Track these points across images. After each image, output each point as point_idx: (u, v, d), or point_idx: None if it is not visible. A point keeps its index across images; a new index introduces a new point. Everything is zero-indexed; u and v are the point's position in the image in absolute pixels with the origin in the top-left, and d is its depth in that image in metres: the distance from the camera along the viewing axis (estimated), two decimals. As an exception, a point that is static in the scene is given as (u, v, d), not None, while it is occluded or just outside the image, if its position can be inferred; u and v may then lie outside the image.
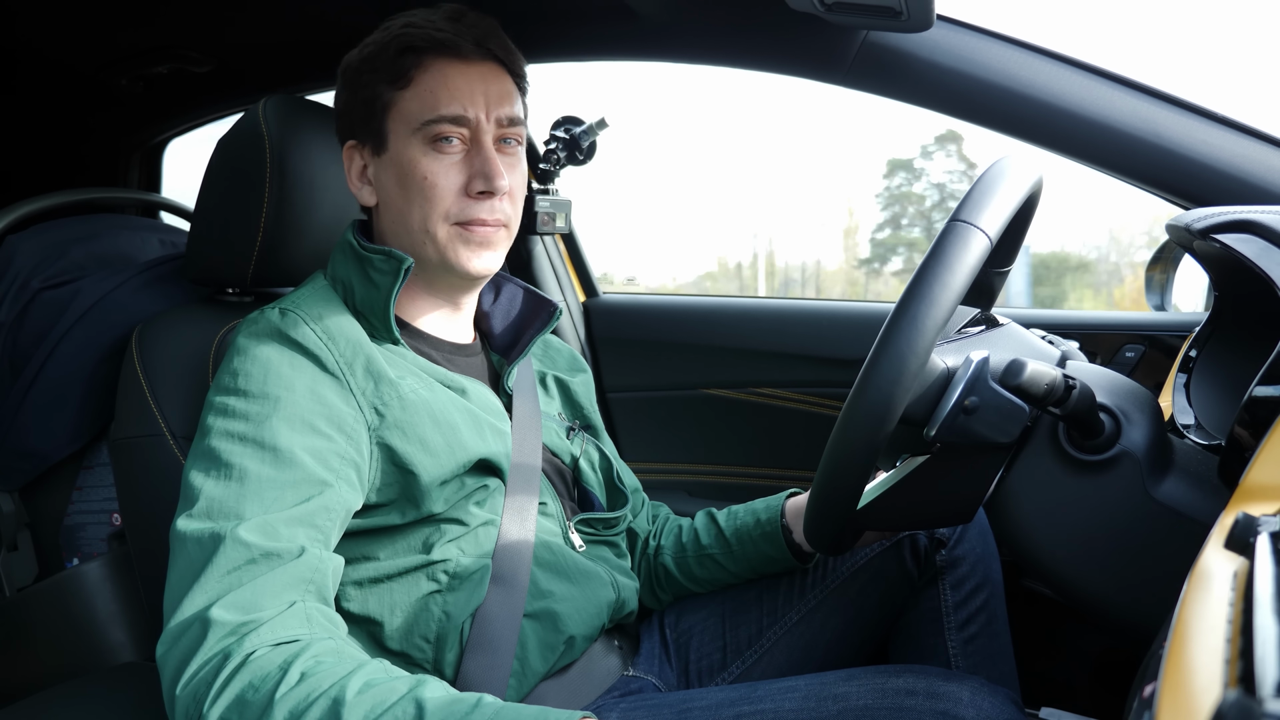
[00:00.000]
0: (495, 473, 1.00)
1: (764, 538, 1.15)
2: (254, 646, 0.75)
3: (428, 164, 0.97)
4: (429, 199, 0.97)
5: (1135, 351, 1.44)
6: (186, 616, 0.77)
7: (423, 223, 0.98)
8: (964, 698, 0.86)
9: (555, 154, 1.73)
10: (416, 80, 0.97)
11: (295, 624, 0.78)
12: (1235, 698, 0.35)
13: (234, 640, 0.75)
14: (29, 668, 1.24)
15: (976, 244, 0.78)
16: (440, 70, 0.98)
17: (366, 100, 0.99)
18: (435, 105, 0.97)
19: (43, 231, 1.34)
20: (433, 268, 1.01)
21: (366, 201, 1.03)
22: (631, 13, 1.34)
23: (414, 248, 1.00)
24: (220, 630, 0.75)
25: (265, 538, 0.80)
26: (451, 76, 0.98)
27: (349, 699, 0.71)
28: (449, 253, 0.99)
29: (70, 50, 1.73)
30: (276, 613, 0.77)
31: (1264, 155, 1.15)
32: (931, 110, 1.28)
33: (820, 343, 1.69)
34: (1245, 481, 0.67)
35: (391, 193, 1.00)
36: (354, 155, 1.03)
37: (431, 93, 0.97)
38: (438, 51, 0.98)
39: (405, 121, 0.98)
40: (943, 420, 0.81)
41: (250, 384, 0.90)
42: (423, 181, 0.97)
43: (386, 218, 1.02)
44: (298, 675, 0.73)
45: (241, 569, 0.78)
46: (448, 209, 0.98)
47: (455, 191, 0.98)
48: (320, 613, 0.80)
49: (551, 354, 1.25)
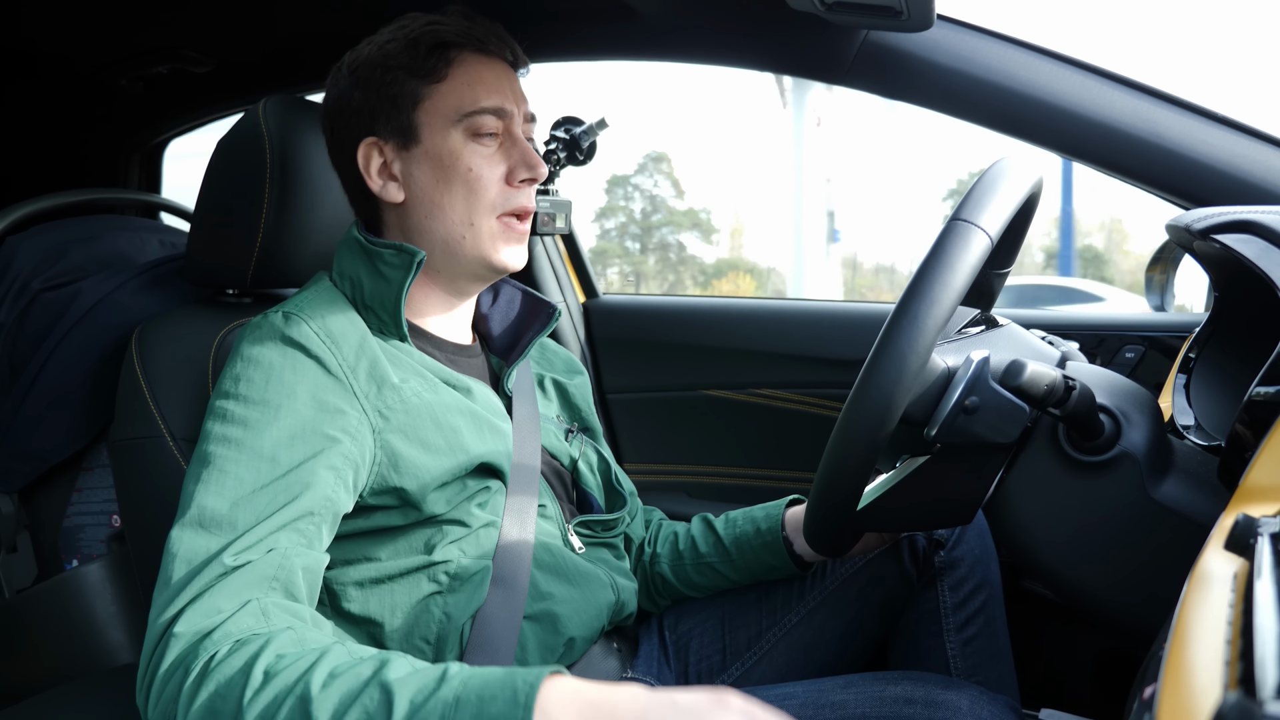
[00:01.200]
0: (496, 474, 1.00)
1: (765, 548, 1.15)
2: (211, 651, 0.73)
3: (470, 155, 0.98)
4: (474, 190, 0.98)
5: (1135, 352, 1.44)
6: (154, 634, 0.76)
7: (466, 214, 0.98)
8: (963, 706, 0.86)
9: (555, 154, 1.73)
10: (451, 75, 0.98)
11: (250, 621, 0.76)
12: (1235, 699, 0.35)
13: (191, 650, 0.73)
14: (29, 669, 1.24)
15: (977, 243, 0.78)
16: (473, 65, 0.99)
17: (393, 96, 0.99)
18: (475, 98, 0.98)
19: (43, 232, 1.34)
20: (464, 260, 1.01)
21: (392, 198, 1.01)
22: (632, 12, 1.34)
23: (449, 241, 1.00)
24: (180, 642, 0.74)
25: (246, 554, 0.79)
26: (484, 71, 0.99)
27: (315, 694, 0.68)
28: (487, 246, 1.00)
29: (70, 50, 1.73)
30: (231, 614, 0.75)
31: (1264, 155, 1.15)
32: (932, 110, 1.28)
33: (820, 343, 1.69)
34: (1245, 482, 0.67)
35: (426, 187, 0.99)
36: (372, 152, 1.01)
37: (470, 86, 0.98)
38: (469, 47, 0.99)
39: (442, 115, 0.98)
40: (943, 420, 0.81)
41: (252, 389, 0.89)
42: (467, 173, 0.98)
43: (418, 213, 1.00)
44: (261, 675, 0.70)
45: (214, 583, 0.77)
46: (493, 200, 0.99)
47: (498, 182, 0.99)
48: (278, 606, 0.78)
49: (549, 356, 1.25)
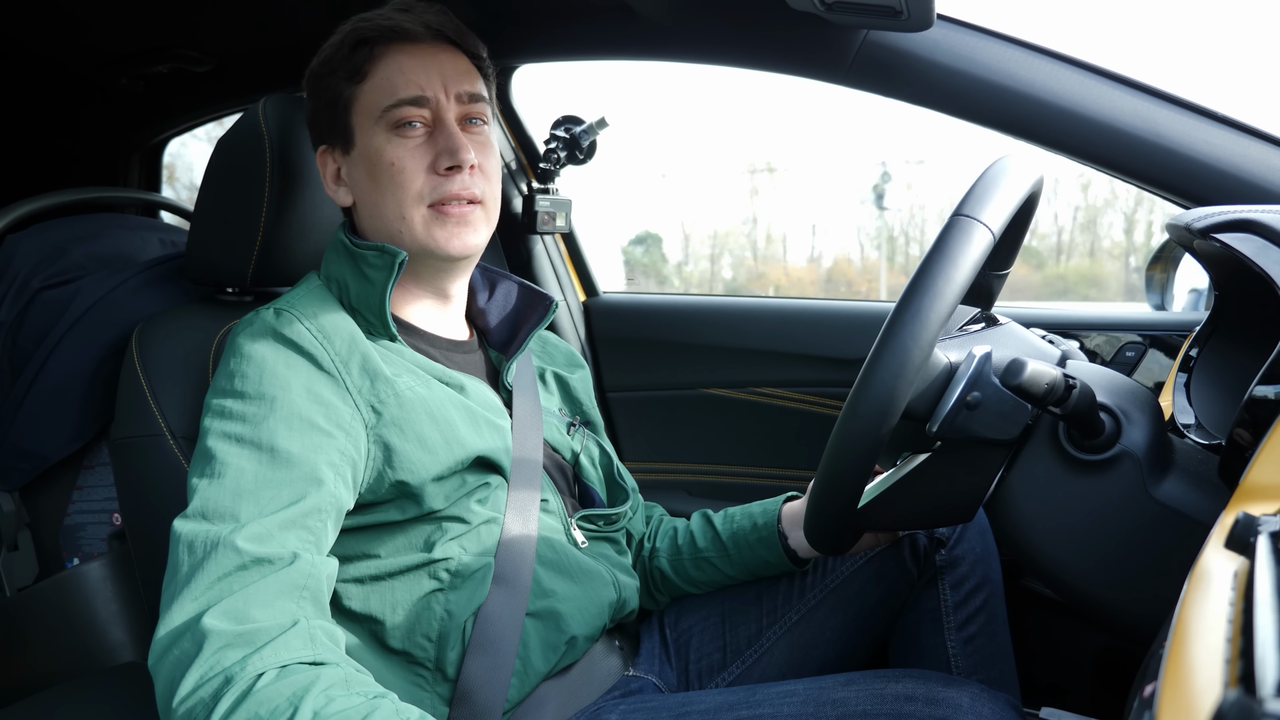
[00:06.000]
0: (496, 469, 1.00)
1: (760, 543, 1.15)
2: (259, 669, 0.73)
3: (392, 150, 0.97)
4: (399, 184, 0.97)
5: (1135, 351, 1.44)
6: (176, 625, 0.76)
7: (397, 209, 0.98)
8: (963, 704, 0.86)
9: (555, 154, 1.73)
10: (372, 71, 0.98)
11: (299, 645, 0.76)
12: (1235, 697, 0.35)
13: (235, 660, 0.74)
14: (30, 667, 1.24)
15: (979, 238, 0.78)
16: (394, 58, 0.98)
17: (330, 102, 1.00)
18: (393, 91, 0.97)
19: (43, 231, 1.34)
20: (415, 255, 1.00)
21: (344, 202, 1.03)
22: (632, 12, 1.34)
23: (391, 238, 1.00)
24: (216, 642, 0.74)
25: (257, 543, 0.79)
26: (405, 62, 0.98)
27: None
28: (426, 236, 0.98)
29: (70, 50, 1.73)
30: (279, 630, 0.76)
31: (1264, 155, 1.15)
32: (932, 110, 1.28)
33: (821, 342, 1.69)
34: (1245, 481, 0.67)
35: (364, 187, 1.00)
36: (327, 160, 1.03)
37: (388, 79, 0.98)
38: (388, 39, 0.99)
39: (367, 113, 0.98)
40: (945, 415, 0.81)
41: (246, 385, 0.90)
42: (390, 168, 0.97)
43: (364, 214, 1.02)
44: (310, 716, 0.71)
45: (232, 575, 0.78)
46: (419, 190, 0.97)
47: (423, 172, 0.97)
48: (323, 630, 0.79)
49: (550, 350, 1.25)
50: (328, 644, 0.79)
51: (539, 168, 1.77)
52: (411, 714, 0.75)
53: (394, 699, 0.77)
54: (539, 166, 1.77)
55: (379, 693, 0.77)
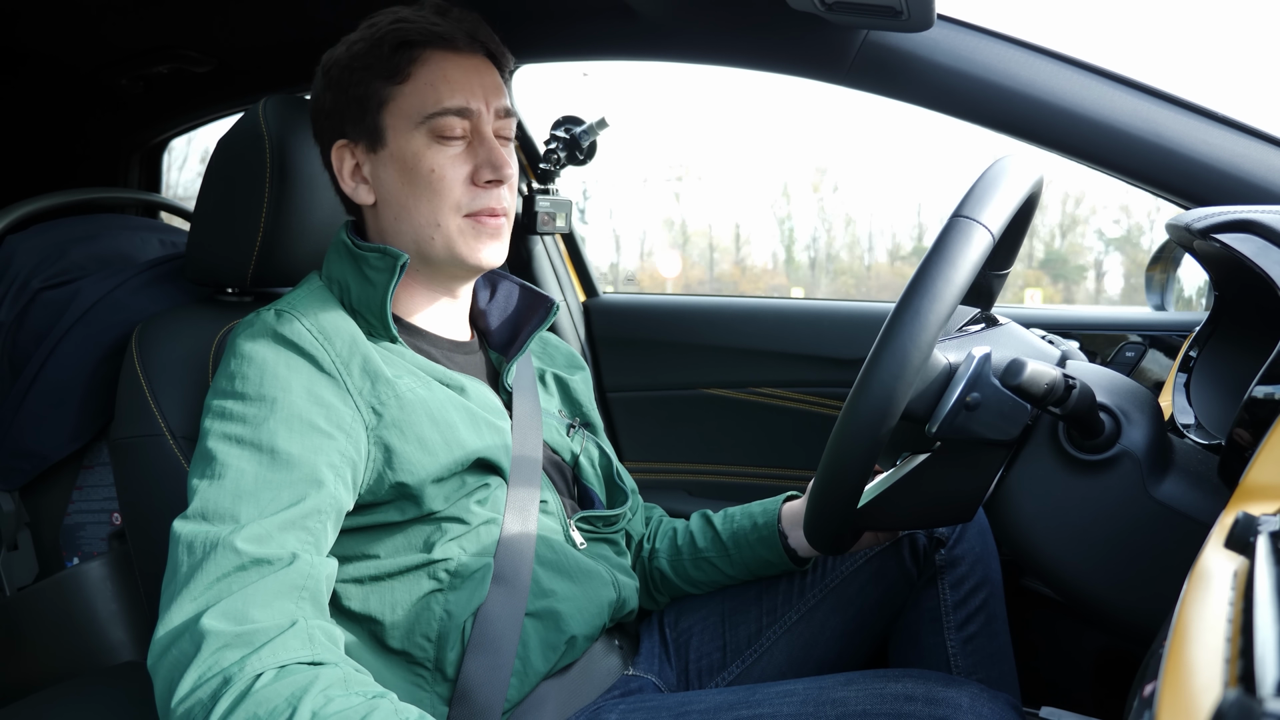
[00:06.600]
0: (495, 471, 1.00)
1: (760, 542, 1.15)
2: (258, 670, 0.73)
3: (433, 157, 0.97)
4: (436, 191, 0.97)
5: (1135, 351, 1.44)
6: (176, 625, 0.76)
7: (431, 215, 0.98)
8: (963, 704, 0.86)
9: (555, 154, 1.73)
10: (415, 74, 0.98)
11: (298, 645, 0.76)
12: (1235, 697, 0.35)
13: (234, 660, 0.74)
14: (29, 667, 1.24)
15: (979, 239, 0.78)
16: (438, 63, 0.98)
17: (359, 97, 0.99)
18: (438, 98, 0.97)
19: (43, 231, 1.34)
20: (438, 261, 1.01)
21: (363, 200, 1.02)
22: (632, 12, 1.34)
23: (419, 242, 1.00)
24: (215, 642, 0.74)
25: (257, 544, 0.79)
26: (449, 69, 0.98)
27: None
28: (458, 245, 0.99)
29: (70, 50, 1.73)
30: (277, 630, 0.76)
31: (1264, 155, 1.15)
32: (932, 110, 1.28)
33: (821, 343, 1.69)
34: (1245, 481, 0.67)
35: (394, 188, 1.00)
36: (345, 154, 1.02)
37: (432, 86, 0.97)
38: (434, 45, 0.98)
39: (405, 116, 0.98)
40: (944, 416, 0.81)
41: (247, 386, 0.90)
42: (430, 174, 0.97)
43: (387, 215, 1.01)
44: (308, 716, 0.71)
45: (231, 576, 0.78)
46: (457, 200, 0.98)
47: (462, 182, 0.98)
48: (321, 630, 0.79)
49: (550, 351, 1.25)
50: (326, 644, 0.79)
51: (539, 168, 1.77)
52: (410, 714, 0.75)
53: (393, 699, 0.77)
54: (539, 167, 1.77)
55: (378, 692, 0.77)
